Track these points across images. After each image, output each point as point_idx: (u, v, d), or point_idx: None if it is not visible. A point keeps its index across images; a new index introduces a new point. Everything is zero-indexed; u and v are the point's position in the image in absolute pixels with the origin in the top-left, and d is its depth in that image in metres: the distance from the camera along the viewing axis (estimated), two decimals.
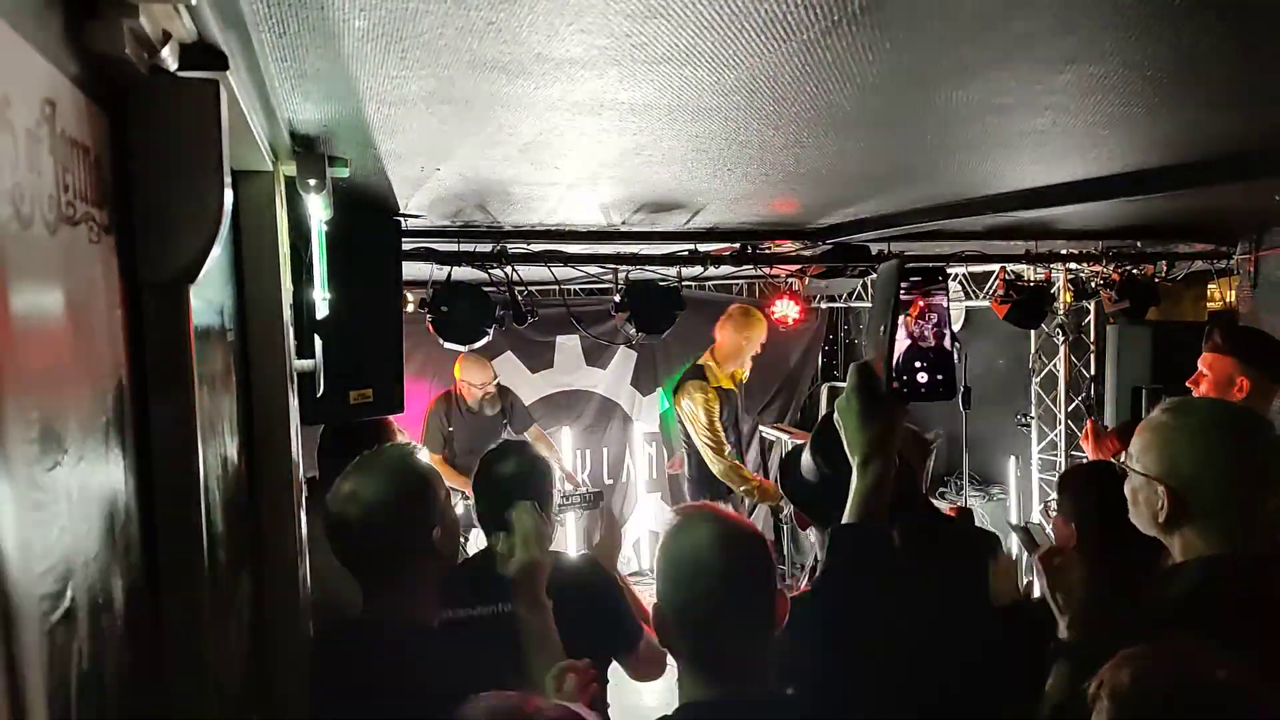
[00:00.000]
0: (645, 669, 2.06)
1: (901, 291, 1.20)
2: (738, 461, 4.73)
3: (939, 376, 1.23)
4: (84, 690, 0.66)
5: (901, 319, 1.21)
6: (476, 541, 5.10)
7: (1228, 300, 4.84)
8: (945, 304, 1.23)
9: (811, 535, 2.16)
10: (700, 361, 4.83)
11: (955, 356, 1.25)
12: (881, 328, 1.22)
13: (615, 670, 2.10)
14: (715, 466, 4.56)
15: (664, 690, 1.99)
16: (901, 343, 1.22)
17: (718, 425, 4.60)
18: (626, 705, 2.16)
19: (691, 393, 4.64)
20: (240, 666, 1.23)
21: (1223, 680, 1.02)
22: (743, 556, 1.30)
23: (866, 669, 1.24)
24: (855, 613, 1.27)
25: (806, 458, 2.08)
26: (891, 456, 1.28)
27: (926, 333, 1.22)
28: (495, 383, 5.15)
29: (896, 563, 1.29)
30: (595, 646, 1.93)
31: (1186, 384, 2.92)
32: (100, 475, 0.76)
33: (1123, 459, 1.60)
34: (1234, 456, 1.45)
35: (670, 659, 1.38)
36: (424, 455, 1.70)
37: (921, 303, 1.21)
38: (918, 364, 1.22)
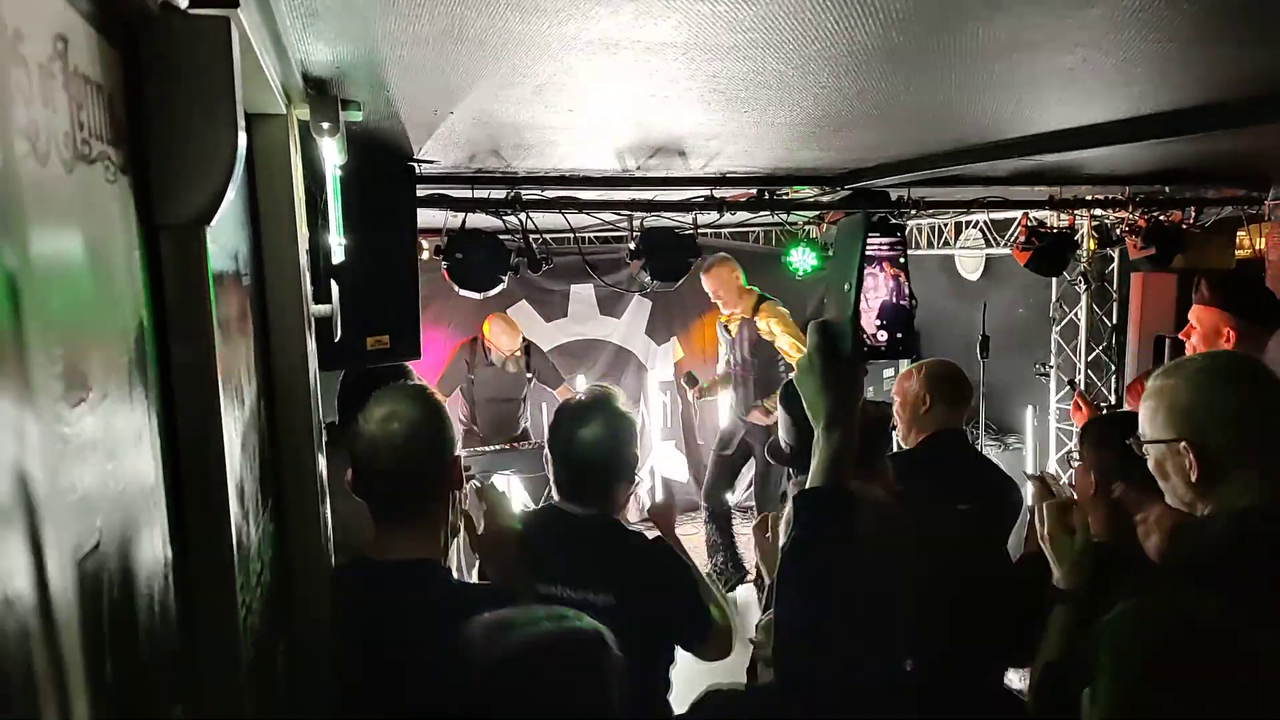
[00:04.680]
0: (715, 651, 1.96)
1: (868, 246, 1.15)
2: None
3: (898, 334, 1.18)
4: (115, 617, 0.68)
5: (869, 275, 1.16)
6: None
7: (1257, 248, 4.75)
8: (904, 260, 1.19)
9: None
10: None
11: (913, 313, 1.21)
12: (846, 283, 1.16)
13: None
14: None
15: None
16: (877, 299, 1.17)
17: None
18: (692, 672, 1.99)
19: (774, 309, 5.09)
20: (264, 600, 1.26)
21: (1222, 627, 1.02)
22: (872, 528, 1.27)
23: (846, 640, 1.21)
24: (828, 583, 1.23)
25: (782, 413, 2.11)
26: (855, 419, 1.23)
27: (890, 290, 1.18)
28: (521, 348, 5.29)
29: (866, 529, 1.25)
30: (670, 641, 1.91)
31: (1179, 336, 2.92)
32: (124, 414, 0.77)
33: (1134, 442, 1.57)
34: (1244, 398, 1.43)
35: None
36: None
37: (887, 264, 1.17)
38: (877, 322, 1.17)
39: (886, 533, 1.29)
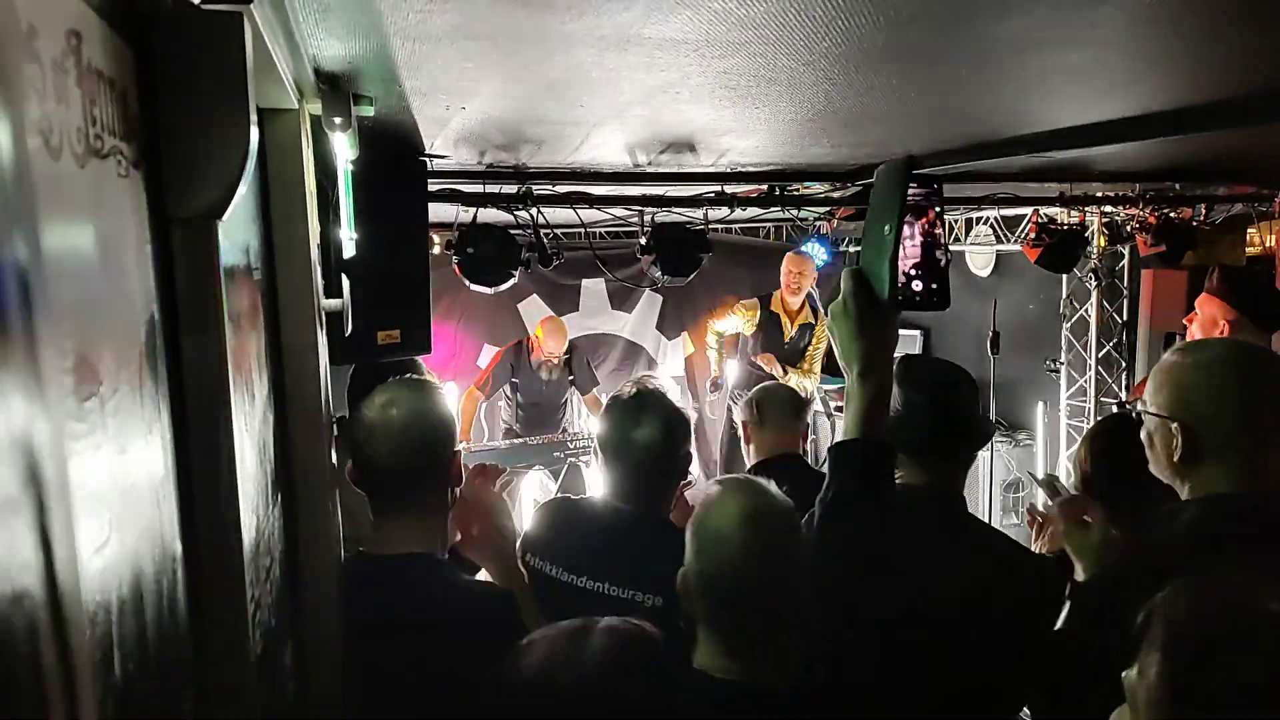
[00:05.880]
0: None
1: (909, 196, 1.13)
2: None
3: (933, 285, 1.19)
4: (124, 612, 0.69)
5: (906, 225, 1.14)
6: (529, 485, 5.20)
7: (1268, 245, 4.73)
8: (940, 209, 1.20)
9: None
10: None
11: (948, 264, 1.21)
12: (886, 227, 1.13)
13: None
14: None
15: None
16: (912, 249, 1.17)
17: None
18: None
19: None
20: (273, 595, 1.27)
21: (1276, 612, 1.02)
22: (770, 534, 1.27)
23: (883, 594, 1.21)
24: (866, 536, 1.21)
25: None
26: (890, 368, 1.21)
27: (923, 239, 1.18)
28: (562, 355, 5.34)
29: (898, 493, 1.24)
30: None
31: (1184, 320, 2.94)
32: (135, 408, 0.77)
33: (1138, 404, 1.59)
34: (1245, 390, 1.42)
35: None
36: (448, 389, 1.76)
37: (930, 213, 1.17)
38: (911, 271, 1.18)
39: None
